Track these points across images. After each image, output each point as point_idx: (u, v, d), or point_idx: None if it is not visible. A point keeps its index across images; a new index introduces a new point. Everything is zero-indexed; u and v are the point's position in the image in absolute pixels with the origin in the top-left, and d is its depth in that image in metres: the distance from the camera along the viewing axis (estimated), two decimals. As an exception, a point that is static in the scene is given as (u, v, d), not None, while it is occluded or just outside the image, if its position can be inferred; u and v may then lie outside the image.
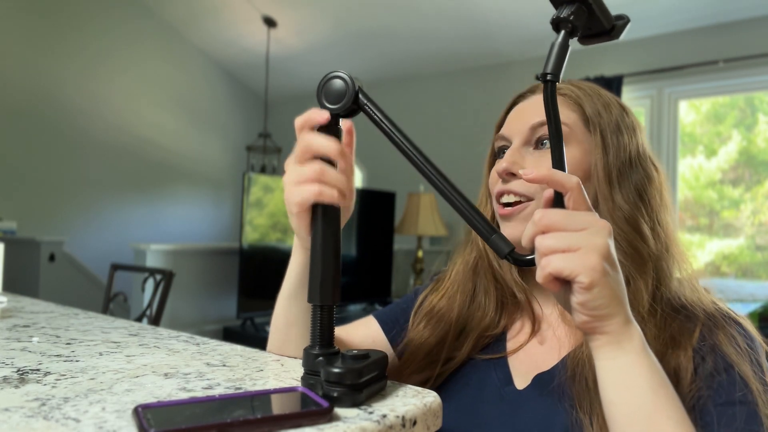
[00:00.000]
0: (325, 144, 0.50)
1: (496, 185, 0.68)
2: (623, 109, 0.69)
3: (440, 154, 4.51)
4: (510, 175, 0.66)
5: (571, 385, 0.58)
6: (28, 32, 4.23)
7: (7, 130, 4.14)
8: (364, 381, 0.44)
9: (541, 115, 0.64)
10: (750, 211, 3.43)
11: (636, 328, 0.49)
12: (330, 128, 0.52)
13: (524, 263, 0.51)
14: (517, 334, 0.70)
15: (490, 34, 3.97)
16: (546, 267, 0.46)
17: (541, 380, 0.63)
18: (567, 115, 0.67)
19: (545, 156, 0.65)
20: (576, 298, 0.46)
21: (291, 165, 0.52)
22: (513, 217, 0.65)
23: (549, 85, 0.52)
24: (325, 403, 0.41)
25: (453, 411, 0.63)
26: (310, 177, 0.49)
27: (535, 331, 0.68)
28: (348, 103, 0.51)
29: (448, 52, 4.31)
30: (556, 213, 0.47)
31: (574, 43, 0.56)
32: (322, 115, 0.51)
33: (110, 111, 4.74)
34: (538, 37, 3.85)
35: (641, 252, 0.62)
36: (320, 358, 0.47)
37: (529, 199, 0.65)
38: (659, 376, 0.48)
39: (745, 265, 3.45)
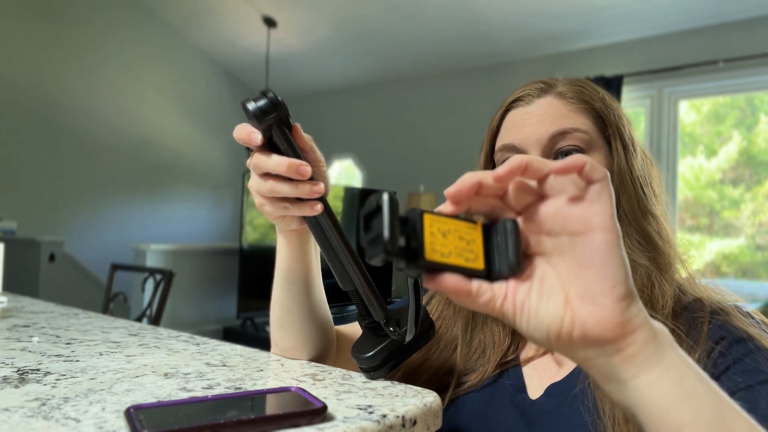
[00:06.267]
0: (274, 164, 0.51)
1: None
2: (608, 96, 0.66)
3: (439, 154, 4.52)
4: None
5: (595, 390, 0.54)
6: (29, 33, 4.23)
7: (8, 131, 4.14)
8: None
9: (559, 123, 0.61)
10: (750, 211, 3.43)
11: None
12: (273, 136, 0.52)
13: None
14: (530, 346, 0.66)
15: (490, 35, 3.97)
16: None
17: (555, 390, 0.59)
18: (581, 120, 0.63)
19: None
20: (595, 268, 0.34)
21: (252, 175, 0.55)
22: None
23: None
24: (319, 403, 0.41)
25: (465, 417, 0.61)
26: (264, 195, 0.55)
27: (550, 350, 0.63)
28: (269, 120, 0.51)
29: (448, 52, 4.31)
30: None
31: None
32: (255, 140, 0.51)
33: (110, 111, 4.74)
34: (538, 38, 3.85)
35: (666, 253, 0.60)
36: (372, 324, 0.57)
37: None
38: (702, 374, 0.37)
39: (745, 265, 3.45)
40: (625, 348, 0.34)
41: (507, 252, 0.36)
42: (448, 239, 0.36)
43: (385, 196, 0.34)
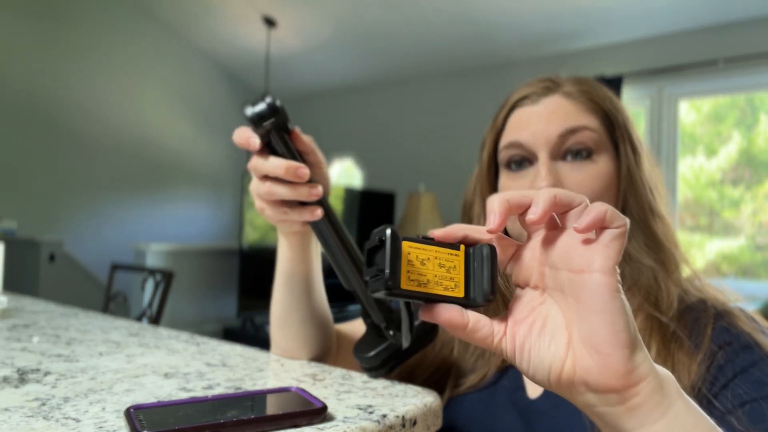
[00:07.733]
0: (271, 167, 0.52)
1: None
2: (615, 98, 0.66)
3: (440, 154, 4.52)
4: None
5: None
6: (28, 33, 4.23)
7: (7, 130, 4.14)
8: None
9: (568, 121, 0.61)
10: (750, 211, 3.42)
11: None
12: (273, 139, 0.53)
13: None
14: None
15: (491, 35, 3.97)
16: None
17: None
18: (590, 119, 0.62)
19: (584, 170, 0.60)
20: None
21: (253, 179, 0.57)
22: None
23: None
24: (319, 403, 0.41)
25: (464, 416, 0.61)
26: (263, 198, 0.55)
27: None
28: (269, 123, 0.52)
29: (449, 52, 4.31)
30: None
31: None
32: (254, 144, 0.52)
33: (110, 111, 4.74)
34: (539, 38, 3.85)
35: (672, 254, 0.59)
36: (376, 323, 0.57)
37: None
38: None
39: (745, 265, 3.45)
40: (629, 398, 0.32)
41: (482, 279, 0.35)
42: (427, 267, 0.35)
43: (388, 232, 0.34)
